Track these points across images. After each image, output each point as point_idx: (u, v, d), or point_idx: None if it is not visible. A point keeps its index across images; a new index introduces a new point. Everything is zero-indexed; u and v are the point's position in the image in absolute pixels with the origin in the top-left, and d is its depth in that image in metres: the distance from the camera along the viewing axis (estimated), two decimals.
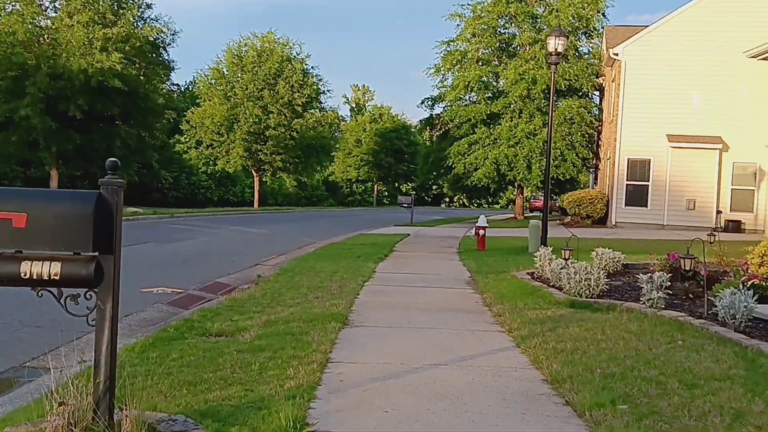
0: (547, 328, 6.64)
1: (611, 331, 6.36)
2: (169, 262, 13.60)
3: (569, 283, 8.72)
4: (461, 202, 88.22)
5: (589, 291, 8.57)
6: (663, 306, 7.49)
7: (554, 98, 16.26)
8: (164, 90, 65.39)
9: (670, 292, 8.18)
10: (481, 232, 16.72)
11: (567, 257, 9.64)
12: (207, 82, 52.46)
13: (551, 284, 9.80)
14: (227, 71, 52.14)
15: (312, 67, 54.37)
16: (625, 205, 27.40)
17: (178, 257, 14.46)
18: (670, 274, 8.74)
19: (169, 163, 61.31)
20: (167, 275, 11.71)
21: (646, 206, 27.15)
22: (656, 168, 26.93)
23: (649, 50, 26.91)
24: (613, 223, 27.41)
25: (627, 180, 27.37)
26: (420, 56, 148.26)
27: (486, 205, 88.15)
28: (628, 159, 27.31)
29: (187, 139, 52.55)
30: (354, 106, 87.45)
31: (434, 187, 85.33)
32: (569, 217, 31.35)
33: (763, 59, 23.56)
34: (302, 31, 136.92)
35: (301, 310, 7.62)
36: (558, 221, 31.11)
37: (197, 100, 54.25)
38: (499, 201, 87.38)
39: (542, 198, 60.85)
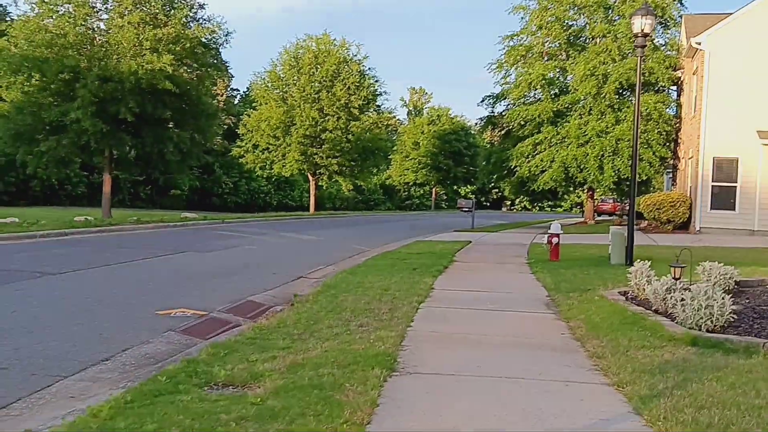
0: (674, 383, 4.76)
1: None
2: (202, 274, 12.18)
3: (684, 310, 6.77)
4: (523, 205, 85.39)
5: (712, 322, 6.60)
6: None
7: (640, 88, 14.14)
8: (219, 93, 65.87)
9: None
10: (555, 240, 14.75)
11: (678, 276, 7.67)
12: (263, 85, 51.67)
13: (654, 309, 7.86)
14: (283, 74, 51.25)
15: (369, 68, 52.94)
16: (711, 208, 24.79)
17: (215, 269, 13.04)
18: None
19: (229, 168, 61.19)
20: (195, 291, 10.26)
21: (734, 210, 24.49)
22: (745, 167, 24.25)
23: (736, 38, 24.28)
24: (697, 228, 24.83)
25: (712, 181, 24.77)
26: (478, 58, 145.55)
27: (548, 209, 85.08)
28: (714, 158, 24.72)
29: (244, 143, 51.86)
30: (411, 108, 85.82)
31: (494, 190, 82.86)
32: (645, 221, 28.83)
33: None
34: (358, 35, 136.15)
35: (338, 346, 5.95)
36: (635, 226, 28.58)
37: (254, 104, 53.54)
38: (562, 204, 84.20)
39: (611, 201, 58.02)
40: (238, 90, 73.28)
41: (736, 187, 24.45)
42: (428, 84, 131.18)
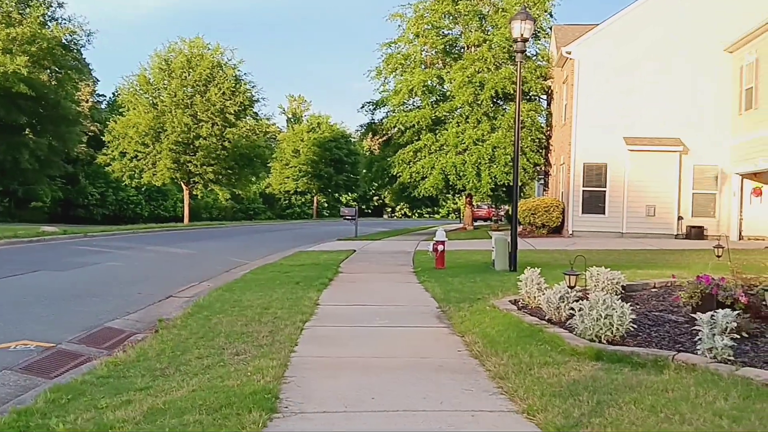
0: (589, 408, 4.31)
1: (693, 414, 4.08)
2: (55, 296, 10.74)
3: (583, 321, 6.45)
4: (403, 212, 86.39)
5: (612, 332, 6.31)
6: (731, 357, 5.29)
7: (520, 93, 14.14)
8: (84, 98, 61.52)
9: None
10: (440, 247, 14.43)
11: (573, 284, 7.39)
12: (132, 89, 48.63)
13: (548, 319, 7.54)
14: (153, 78, 48.60)
15: (245, 73, 51.39)
16: (582, 212, 25.71)
17: (70, 289, 11.58)
18: (698, 303, 6.61)
19: (96, 178, 57.21)
20: (44, 317, 8.92)
21: (604, 213, 25.54)
22: (613, 173, 25.37)
23: (604, 47, 25.41)
24: (570, 232, 25.67)
25: (583, 186, 25.69)
26: (357, 67, 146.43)
27: (427, 215, 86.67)
28: (584, 164, 25.67)
29: (110, 151, 48.43)
30: (291, 116, 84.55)
31: (375, 197, 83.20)
32: (521, 226, 29.55)
33: (730, 52, 22.29)
34: (234, 41, 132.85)
35: (209, 383, 5.07)
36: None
37: (121, 110, 50.34)
38: (440, 210, 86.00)
39: (485, 207, 59.51)
40: (104, 96, 68.98)
41: (605, 192, 25.49)
42: (307, 92, 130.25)
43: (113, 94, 63.11)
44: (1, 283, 12.04)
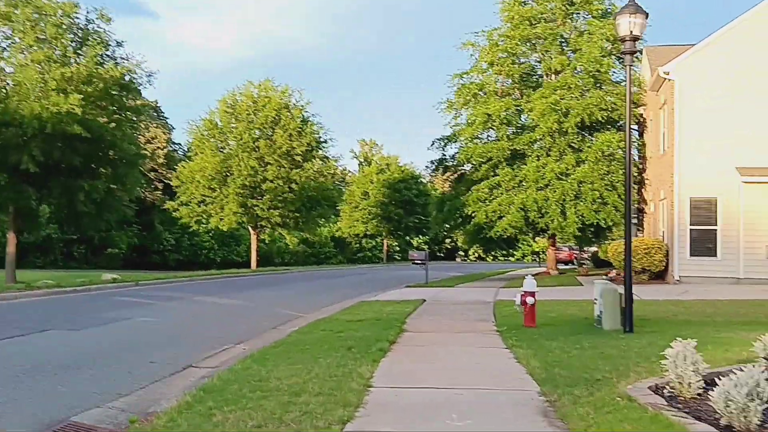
0: None
1: None
2: (48, 365, 8.53)
3: None
4: (477, 255, 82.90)
5: None
6: None
7: (630, 101, 11.25)
8: (160, 146, 61.83)
9: None
10: (530, 300, 11.57)
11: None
12: (199, 133, 48.10)
13: (724, 424, 4.69)
14: (220, 121, 47.93)
15: (312, 114, 50.03)
16: (690, 255, 22.20)
17: (71, 356, 9.37)
18: None
19: (171, 224, 56.91)
20: (14, 399, 6.65)
21: (716, 256, 21.97)
22: (725, 208, 21.87)
23: (706, 67, 22.23)
24: (676, 277, 22.15)
25: (690, 225, 22.25)
26: (427, 112, 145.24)
27: (501, 258, 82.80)
28: (690, 198, 22.28)
29: (179, 196, 47.86)
30: (362, 160, 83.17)
31: (447, 240, 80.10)
32: (614, 270, 26.15)
33: None
34: (307, 90, 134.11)
35: None
36: (604, 276, 25.84)
37: (189, 155, 49.84)
38: (514, 253, 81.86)
39: (567, 249, 55.37)
40: (180, 144, 69.41)
41: (716, 230, 21.99)
42: (376, 135, 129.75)
43: (188, 141, 63.44)
44: None
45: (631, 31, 10.56)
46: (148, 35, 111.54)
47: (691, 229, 22.18)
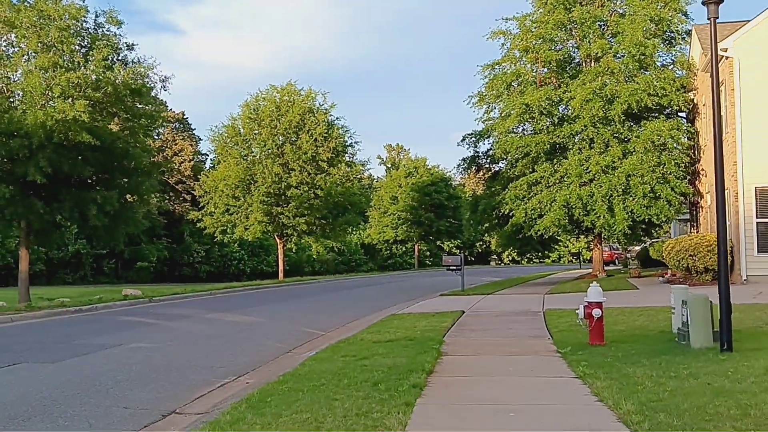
0: None
1: None
2: None
3: None
4: (510, 258, 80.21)
5: None
6: None
7: (717, 72, 9.07)
8: (187, 157, 60.73)
9: None
10: (597, 312, 9.45)
11: None
12: (221, 141, 46.63)
13: None
14: (243, 128, 46.38)
15: (337, 118, 48.19)
16: (758, 251, 19.76)
17: (28, 400, 7.52)
18: None
19: (201, 236, 55.70)
20: None
21: None
22: None
23: None
24: (744, 277, 19.72)
25: (756, 217, 19.82)
26: (453, 116, 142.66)
27: (537, 260, 79.92)
28: (756, 188, 19.86)
29: (203, 206, 46.52)
30: (389, 165, 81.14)
31: (478, 243, 77.52)
32: (669, 270, 23.73)
33: None
34: (331, 96, 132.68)
35: None
36: (660, 277, 23.47)
37: (212, 163, 48.45)
38: (550, 255, 78.88)
39: (608, 249, 52.44)
40: (207, 155, 68.25)
41: None
42: (403, 138, 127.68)
43: (211, 149, 62.21)
44: None
45: None
46: (174, 50, 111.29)
47: (757, 222, 19.77)
